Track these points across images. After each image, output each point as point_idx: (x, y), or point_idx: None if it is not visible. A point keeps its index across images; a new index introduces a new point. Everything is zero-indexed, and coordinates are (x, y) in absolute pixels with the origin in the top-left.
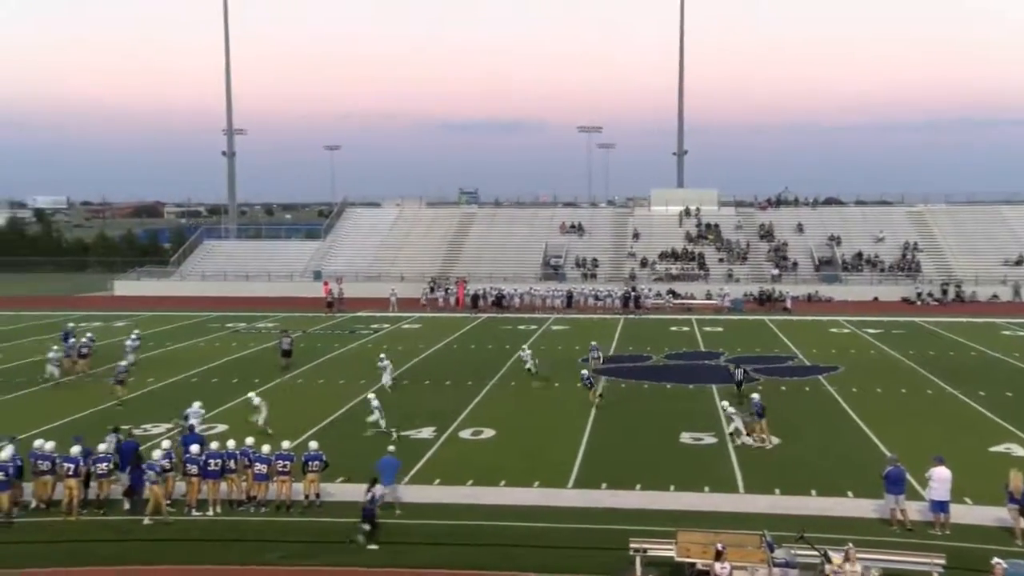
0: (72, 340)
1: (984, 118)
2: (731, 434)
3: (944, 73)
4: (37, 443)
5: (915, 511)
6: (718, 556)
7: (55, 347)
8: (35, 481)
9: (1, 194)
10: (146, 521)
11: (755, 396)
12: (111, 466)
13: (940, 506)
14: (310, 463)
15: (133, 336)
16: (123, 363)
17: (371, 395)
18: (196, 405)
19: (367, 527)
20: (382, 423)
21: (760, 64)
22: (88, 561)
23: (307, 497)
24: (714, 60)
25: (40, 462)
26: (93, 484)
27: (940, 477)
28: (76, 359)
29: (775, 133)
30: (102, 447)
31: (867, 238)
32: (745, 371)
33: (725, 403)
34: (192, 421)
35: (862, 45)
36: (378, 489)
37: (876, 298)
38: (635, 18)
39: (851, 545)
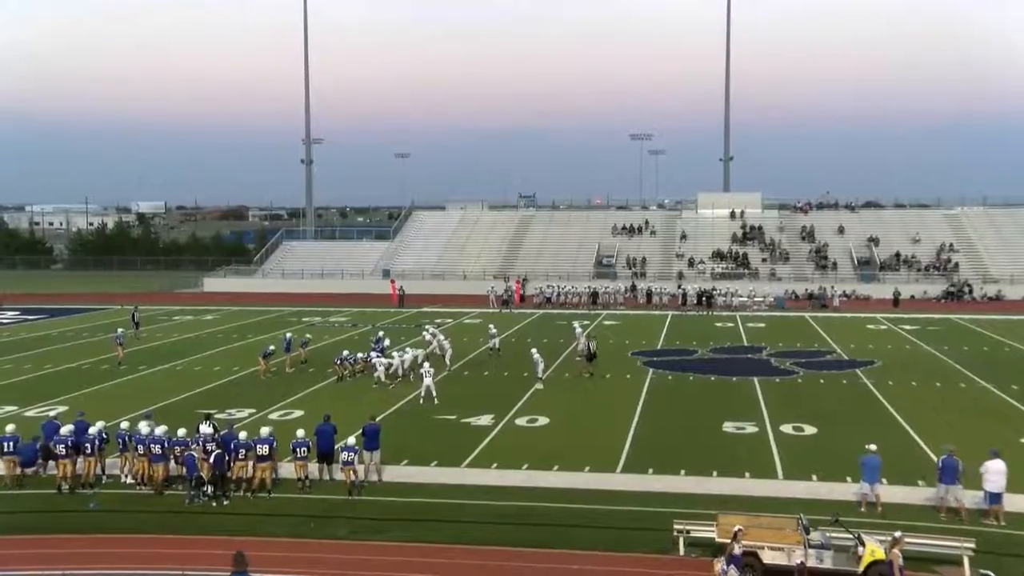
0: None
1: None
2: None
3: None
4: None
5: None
6: (735, 537)
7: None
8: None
9: (109, 200)
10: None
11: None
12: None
13: (995, 498)
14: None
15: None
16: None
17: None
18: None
19: None
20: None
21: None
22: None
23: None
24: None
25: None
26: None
27: (996, 469)
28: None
29: (820, 135)
30: (206, 430)
31: (905, 240)
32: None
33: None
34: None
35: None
36: None
37: (913, 296)
38: (685, 34)
39: (900, 532)
